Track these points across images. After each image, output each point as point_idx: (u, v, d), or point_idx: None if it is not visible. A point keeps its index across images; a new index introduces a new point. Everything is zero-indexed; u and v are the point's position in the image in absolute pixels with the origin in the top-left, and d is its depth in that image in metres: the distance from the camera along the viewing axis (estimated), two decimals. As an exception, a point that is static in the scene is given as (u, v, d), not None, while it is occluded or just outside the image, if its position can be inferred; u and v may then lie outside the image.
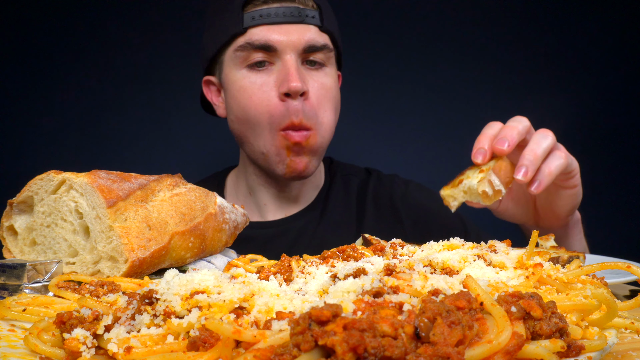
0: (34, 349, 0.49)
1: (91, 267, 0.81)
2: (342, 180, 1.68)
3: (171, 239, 0.84)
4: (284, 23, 1.42)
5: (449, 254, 0.64)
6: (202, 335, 0.44)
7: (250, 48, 1.42)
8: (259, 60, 1.43)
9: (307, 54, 1.44)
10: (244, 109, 1.45)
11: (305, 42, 1.42)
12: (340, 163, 1.75)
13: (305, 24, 1.44)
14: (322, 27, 1.46)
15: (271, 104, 1.41)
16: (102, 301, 0.57)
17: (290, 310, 0.49)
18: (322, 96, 1.45)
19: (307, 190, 1.61)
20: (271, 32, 1.41)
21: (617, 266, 0.63)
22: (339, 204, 1.62)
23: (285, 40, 1.41)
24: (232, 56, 1.46)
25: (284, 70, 1.41)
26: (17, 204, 0.86)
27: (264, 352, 0.40)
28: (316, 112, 1.43)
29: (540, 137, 0.99)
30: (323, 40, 1.46)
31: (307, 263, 0.71)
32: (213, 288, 0.50)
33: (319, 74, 1.47)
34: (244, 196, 1.63)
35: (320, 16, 1.46)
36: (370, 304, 0.45)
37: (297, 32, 1.42)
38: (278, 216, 1.59)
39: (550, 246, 1.00)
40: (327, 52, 1.47)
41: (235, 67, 1.46)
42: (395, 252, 0.76)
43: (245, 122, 1.46)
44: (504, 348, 0.41)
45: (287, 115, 1.40)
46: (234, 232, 1.03)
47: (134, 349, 0.44)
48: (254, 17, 1.42)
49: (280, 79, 1.41)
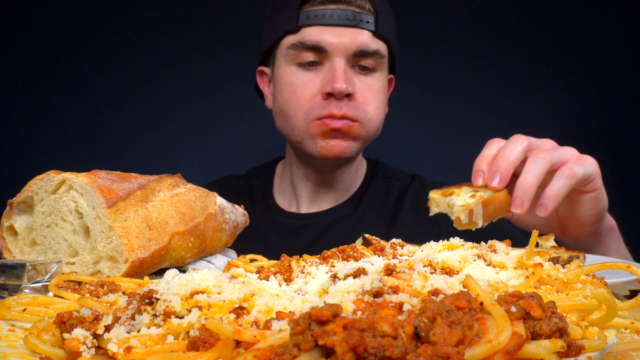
0: (34, 349, 0.49)
1: (91, 267, 0.81)
2: (383, 182, 1.68)
3: (171, 239, 0.84)
4: (338, 25, 1.42)
5: (449, 254, 0.64)
6: (202, 335, 0.44)
7: (301, 47, 1.44)
8: (310, 60, 1.44)
9: (357, 59, 1.44)
10: (286, 102, 1.47)
11: (357, 47, 1.42)
12: (385, 166, 1.75)
13: (359, 29, 1.43)
14: (376, 32, 1.45)
15: (312, 101, 1.43)
16: (102, 301, 0.57)
17: (290, 310, 0.49)
18: (370, 96, 1.46)
19: (343, 188, 1.63)
20: (324, 34, 1.42)
21: (617, 266, 0.63)
22: (373, 205, 1.63)
23: (336, 43, 1.41)
24: (284, 52, 1.48)
25: (331, 71, 1.42)
26: (17, 204, 0.86)
27: (264, 352, 0.40)
28: (364, 108, 1.44)
29: (533, 163, 0.94)
30: (375, 46, 1.45)
31: (307, 263, 0.71)
32: (213, 288, 0.50)
33: (367, 78, 1.47)
34: (287, 186, 1.68)
35: (376, 21, 1.45)
36: (370, 304, 0.45)
37: (350, 36, 1.42)
38: (311, 208, 1.63)
39: (550, 246, 1.00)
40: (378, 59, 1.47)
41: (286, 62, 1.48)
42: (395, 252, 0.76)
43: (285, 114, 1.49)
44: (504, 348, 0.41)
45: (327, 108, 1.41)
46: (234, 232, 1.03)
47: (134, 349, 0.44)
48: (309, 16, 1.43)
49: (326, 79, 1.42)
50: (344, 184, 1.63)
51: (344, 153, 1.45)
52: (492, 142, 1.01)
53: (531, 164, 0.94)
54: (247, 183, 1.74)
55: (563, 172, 0.95)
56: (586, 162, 0.99)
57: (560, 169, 0.95)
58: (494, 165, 0.95)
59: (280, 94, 1.50)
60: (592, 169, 0.99)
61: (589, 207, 1.06)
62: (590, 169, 0.99)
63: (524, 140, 0.98)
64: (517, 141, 0.98)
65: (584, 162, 0.98)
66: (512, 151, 0.96)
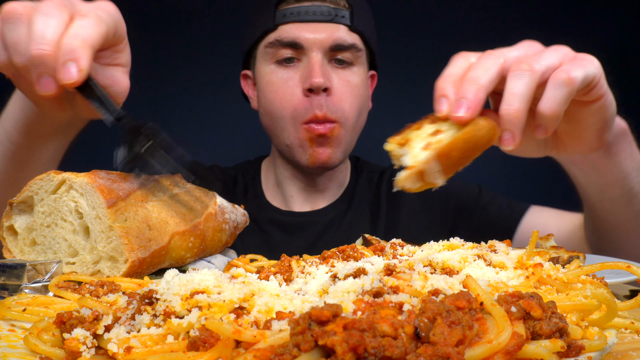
0: (34, 349, 0.49)
1: (91, 267, 0.81)
2: (367, 178, 1.70)
3: (171, 239, 0.84)
4: (314, 21, 1.45)
5: (449, 254, 0.64)
6: (202, 335, 0.44)
7: (279, 45, 1.46)
8: (288, 57, 1.46)
9: (334, 52, 1.46)
10: (270, 103, 1.49)
11: (333, 41, 1.44)
12: (367, 162, 1.78)
13: (335, 23, 1.46)
14: (351, 26, 1.48)
15: (295, 99, 1.45)
16: (102, 301, 0.57)
17: (290, 310, 0.49)
18: (346, 92, 1.48)
19: (333, 187, 1.64)
20: (300, 30, 1.45)
21: (617, 266, 0.63)
22: (364, 201, 1.65)
23: (312, 38, 1.44)
24: (263, 52, 1.50)
25: (308, 66, 1.44)
26: (17, 204, 0.86)
27: (264, 352, 0.40)
28: (340, 106, 1.46)
29: (515, 80, 0.74)
30: (351, 40, 1.47)
31: (307, 263, 0.71)
32: (213, 288, 0.50)
33: (345, 72, 1.49)
34: (273, 186, 1.68)
35: (351, 16, 1.48)
36: (370, 304, 0.45)
37: (326, 31, 1.45)
38: (305, 207, 1.63)
39: (550, 246, 1.00)
40: (355, 52, 1.49)
41: (265, 62, 1.50)
42: (395, 252, 0.76)
43: (271, 116, 1.50)
44: (504, 348, 0.41)
45: (310, 109, 1.43)
46: (234, 232, 1.03)
47: (134, 349, 0.44)
48: (285, 14, 1.46)
49: (304, 75, 1.44)
50: (336, 183, 1.65)
51: (330, 160, 1.48)
52: (459, 57, 0.81)
53: (514, 81, 0.74)
54: (234, 177, 1.72)
55: (557, 79, 0.75)
56: (585, 62, 0.78)
57: (554, 75, 0.75)
58: (461, 89, 0.75)
59: (262, 94, 1.52)
60: (594, 70, 0.79)
61: (594, 120, 0.85)
62: (591, 70, 0.78)
63: (499, 57, 0.78)
64: (489, 58, 0.78)
65: (582, 62, 0.77)
66: (484, 72, 0.76)
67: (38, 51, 0.75)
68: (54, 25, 0.77)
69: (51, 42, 0.76)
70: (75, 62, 0.75)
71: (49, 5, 0.79)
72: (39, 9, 0.78)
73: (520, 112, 0.72)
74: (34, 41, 0.76)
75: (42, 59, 0.75)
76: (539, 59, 0.76)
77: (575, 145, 0.90)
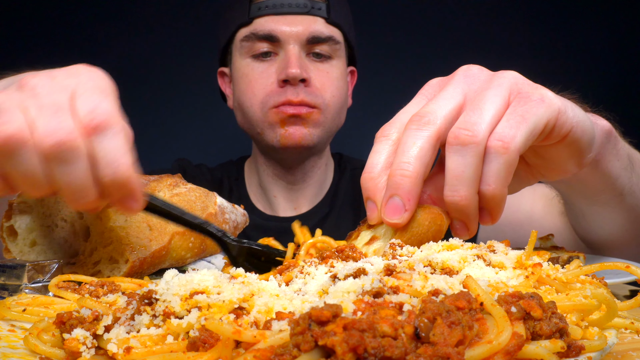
0: (34, 349, 0.49)
1: (91, 268, 0.81)
2: (350, 174, 1.68)
3: (171, 239, 0.84)
4: (290, 14, 1.43)
5: (448, 254, 0.64)
6: (202, 335, 0.44)
7: (254, 38, 1.43)
8: (264, 51, 1.44)
9: (311, 45, 1.44)
10: (242, 94, 1.46)
11: (309, 33, 1.42)
12: (350, 158, 1.74)
13: (312, 16, 1.44)
14: (328, 19, 1.45)
15: (267, 90, 1.41)
16: (102, 301, 0.57)
17: (290, 311, 0.49)
18: (327, 83, 1.45)
19: (316, 184, 1.61)
20: (275, 23, 1.42)
21: (615, 266, 0.63)
22: (346, 202, 1.63)
23: (289, 31, 1.41)
24: (239, 46, 1.47)
25: (285, 59, 1.41)
26: (17, 204, 0.86)
27: (264, 352, 0.40)
28: (321, 94, 1.43)
29: (456, 155, 0.59)
30: (329, 32, 1.45)
31: (306, 263, 0.71)
32: (212, 288, 0.50)
33: (323, 65, 1.46)
34: (256, 188, 1.64)
35: (328, 8, 1.46)
36: (370, 304, 0.45)
37: (302, 23, 1.42)
38: (288, 210, 1.60)
39: (550, 246, 1.00)
40: (332, 45, 1.46)
41: (241, 56, 1.47)
42: (394, 253, 0.75)
43: (242, 107, 1.47)
44: (504, 348, 0.41)
45: (283, 94, 1.39)
46: (234, 232, 1.03)
47: (133, 349, 0.44)
48: (260, 7, 1.44)
49: (280, 67, 1.41)
50: (317, 180, 1.61)
51: (304, 140, 1.42)
52: (380, 139, 0.66)
53: (454, 158, 0.60)
54: (220, 178, 1.67)
55: (491, 148, 0.60)
56: (529, 107, 0.61)
57: (489, 145, 0.60)
58: (389, 184, 0.61)
59: (237, 87, 1.49)
60: (543, 113, 0.62)
61: (567, 154, 0.72)
62: (540, 116, 0.61)
63: (429, 123, 0.61)
64: (417, 130, 0.61)
65: (525, 110, 0.61)
66: (414, 152, 0.60)
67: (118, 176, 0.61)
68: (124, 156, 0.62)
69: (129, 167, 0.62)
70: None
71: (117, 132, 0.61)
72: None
73: (469, 199, 0.60)
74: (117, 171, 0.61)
75: (122, 185, 0.62)
76: (480, 112, 0.60)
77: (552, 175, 0.78)
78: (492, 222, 0.64)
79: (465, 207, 0.61)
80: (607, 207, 0.97)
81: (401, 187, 0.60)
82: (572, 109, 0.68)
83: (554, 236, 1.03)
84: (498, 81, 0.64)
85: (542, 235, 1.03)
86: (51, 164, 0.59)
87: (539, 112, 0.62)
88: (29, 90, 0.61)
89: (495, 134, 0.60)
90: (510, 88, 0.63)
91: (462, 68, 0.68)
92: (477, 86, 0.65)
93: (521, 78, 0.66)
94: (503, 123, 0.61)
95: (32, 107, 0.59)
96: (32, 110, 0.59)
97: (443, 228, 0.62)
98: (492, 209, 0.63)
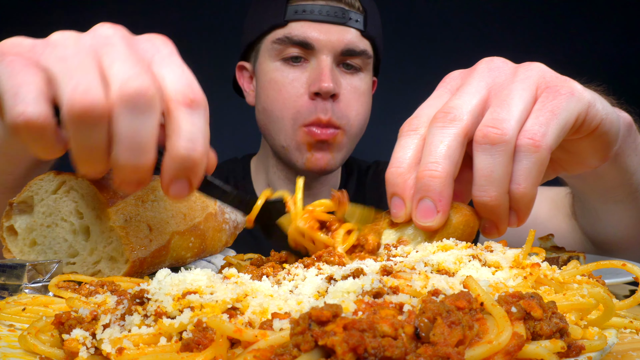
0: (32, 349, 0.49)
1: (91, 268, 0.81)
2: (356, 178, 1.68)
3: (171, 239, 0.84)
4: (326, 22, 1.39)
5: (443, 255, 0.62)
6: (195, 336, 0.44)
7: (288, 42, 1.40)
8: (295, 55, 1.41)
9: (344, 57, 1.41)
10: (271, 102, 1.43)
11: (344, 45, 1.39)
12: (357, 159, 1.73)
13: (347, 27, 1.40)
14: (364, 32, 1.42)
15: (299, 101, 1.39)
16: (90, 302, 0.57)
17: (285, 311, 0.48)
18: (353, 100, 1.43)
19: (325, 190, 1.60)
20: (311, 30, 1.39)
21: (612, 264, 0.62)
22: (354, 199, 1.62)
23: (324, 40, 1.38)
24: (269, 47, 1.44)
25: (317, 69, 1.38)
26: (17, 204, 0.86)
27: (263, 352, 0.40)
28: (347, 113, 1.41)
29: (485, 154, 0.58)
30: (363, 46, 1.42)
31: (290, 267, 0.68)
32: (205, 288, 0.50)
33: (353, 78, 1.44)
34: (263, 186, 1.62)
35: (365, 20, 1.42)
36: (370, 304, 0.45)
37: (337, 33, 1.39)
38: None
39: (551, 246, 1.00)
40: (365, 58, 1.44)
41: (270, 58, 1.44)
42: (389, 253, 0.74)
43: (270, 115, 1.44)
44: (504, 348, 0.41)
45: (314, 112, 1.37)
46: (234, 232, 1.03)
47: (125, 350, 0.44)
48: (297, 10, 1.40)
49: (312, 77, 1.39)
50: (327, 183, 1.62)
51: (328, 166, 1.43)
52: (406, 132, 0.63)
53: (483, 158, 0.58)
54: (226, 177, 1.64)
55: (521, 146, 0.58)
56: (559, 101, 0.59)
57: (519, 143, 0.59)
58: (419, 185, 0.59)
59: (264, 91, 1.46)
60: (574, 107, 0.60)
61: (594, 148, 0.71)
62: (571, 109, 0.60)
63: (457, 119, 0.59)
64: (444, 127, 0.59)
65: (555, 105, 0.59)
66: (444, 151, 0.58)
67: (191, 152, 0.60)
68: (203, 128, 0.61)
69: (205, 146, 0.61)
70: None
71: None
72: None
73: (499, 199, 0.59)
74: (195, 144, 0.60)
75: (194, 160, 0.60)
76: (508, 108, 0.58)
77: (574, 168, 0.77)
78: (519, 223, 0.63)
79: (495, 208, 0.59)
80: (621, 205, 0.96)
81: (432, 189, 0.58)
82: (600, 102, 0.66)
83: (554, 236, 1.03)
84: (524, 74, 0.62)
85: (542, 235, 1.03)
86: (125, 113, 0.55)
87: (570, 107, 0.60)
88: (112, 46, 0.58)
89: (525, 131, 0.58)
90: (538, 81, 0.61)
91: (484, 60, 0.65)
92: (502, 79, 0.62)
93: (548, 70, 0.64)
94: (532, 119, 0.59)
95: (115, 61, 0.56)
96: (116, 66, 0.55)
97: (475, 230, 0.61)
98: (519, 209, 0.62)
